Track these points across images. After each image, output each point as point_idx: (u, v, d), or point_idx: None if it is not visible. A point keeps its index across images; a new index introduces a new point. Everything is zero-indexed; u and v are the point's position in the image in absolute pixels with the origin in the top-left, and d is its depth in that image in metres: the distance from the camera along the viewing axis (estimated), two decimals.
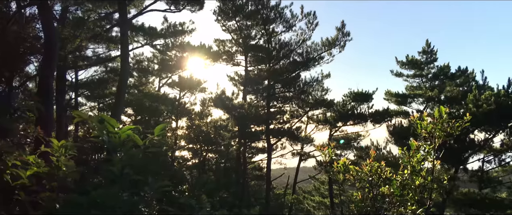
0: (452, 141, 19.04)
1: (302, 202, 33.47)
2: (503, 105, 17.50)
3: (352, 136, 27.20)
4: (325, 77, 23.98)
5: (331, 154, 5.10)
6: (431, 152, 4.70)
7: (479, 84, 20.85)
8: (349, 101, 25.12)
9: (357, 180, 4.92)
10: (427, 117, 4.80)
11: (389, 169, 4.85)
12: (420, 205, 4.73)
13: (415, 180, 4.69)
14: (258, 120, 23.51)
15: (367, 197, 4.93)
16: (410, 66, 23.40)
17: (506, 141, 19.48)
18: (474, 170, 20.95)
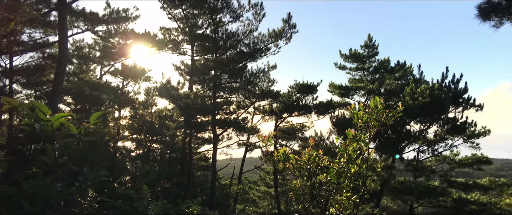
0: (390, 132, 19.98)
1: (248, 192, 33.82)
2: (437, 98, 18.50)
3: (297, 127, 27.76)
4: (272, 68, 24.25)
5: (272, 143, 5.21)
6: (366, 141, 4.93)
7: (416, 78, 21.88)
8: (294, 92, 25.55)
9: (297, 169, 5.06)
10: (363, 107, 5.01)
11: (327, 158, 5.02)
12: (355, 192, 4.96)
13: (351, 168, 4.90)
14: (204, 110, 23.37)
15: (306, 185, 5.09)
16: (353, 59, 24.15)
17: (439, 132, 20.66)
18: (410, 159, 22.05)
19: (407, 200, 22.64)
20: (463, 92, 19.11)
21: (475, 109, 19.50)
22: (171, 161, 25.83)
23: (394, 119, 5.09)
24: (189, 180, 24.94)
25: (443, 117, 19.38)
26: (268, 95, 24.74)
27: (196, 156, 29.39)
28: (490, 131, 20.57)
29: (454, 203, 22.42)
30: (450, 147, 21.93)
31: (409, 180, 21.87)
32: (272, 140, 5.20)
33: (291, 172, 5.24)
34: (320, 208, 5.11)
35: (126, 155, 24.96)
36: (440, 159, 23.16)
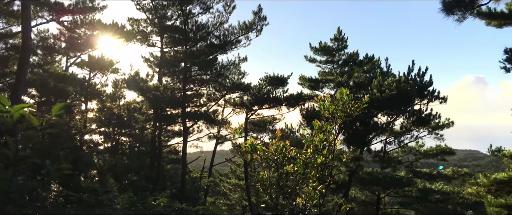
0: (358, 124, 20.38)
1: (219, 184, 33.84)
2: (403, 91, 18.97)
3: (268, 119, 27.91)
4: (242, 61, 24.20)
5: (239, 134, 5.22)
6: (332, 132, 5.02)
7: (384, 71, 22.33)
8: (265, 85, 25.62)
9: (264, 160, 5.11)
10: (330, 99, 5.09)
11: (294, 149, 5.09)
12: (321, 182, 5.05)
13: (317, 158, 4.99)
14: (174, 102, 23.14)
15: (273, 175, 5.15)
16: (323, 52, 24.40)
17: (405, 124, 21.21)
18: (377, 151, 22.56)
19: (374, 190, 23.21)
20: (428, 85, 19.67)
21: (440, 101, 20.11)
22: (141, 154, 25.52)
23: (360, 110, 5.19)
24: (159, 173, 24.73)
25: (409, 109, 19.90)
26: (239, 88, 24.72)
27: (166, 149, 29.13)
28: (453, 123, 21.25)
29: (419, 192, 23.13)
30: (415, 139, 22.57)
31: (377, 171, 22.37)
32: (239, 131, 5.21)
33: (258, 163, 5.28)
34: (287, 198, 5.18)
35: (93, 148, 24.49)
36: (406, 150, 23.80)
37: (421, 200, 23.13)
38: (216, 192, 34.78)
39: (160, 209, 5.86)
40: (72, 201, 6.07)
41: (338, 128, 5.20)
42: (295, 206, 5.08)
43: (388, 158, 22.97)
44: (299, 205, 5.05)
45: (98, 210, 5.78)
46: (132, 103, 26.24)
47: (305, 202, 5.04)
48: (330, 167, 5.08)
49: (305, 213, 4.99)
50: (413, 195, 23.26)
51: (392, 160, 23.29)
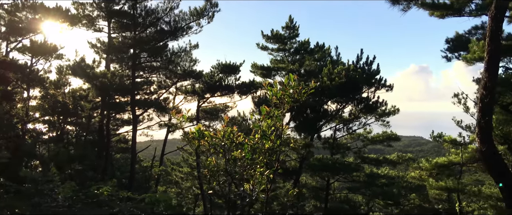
0: (309, 111, 20.69)
1: (170, 173, 33.40)
2: (352, 79, 19.44)
3: (220, 107, 27.75)
4: (194, 47, 23.82)
5: (186, 120, 5.10)
6: (280, 117, 5.01)
7: (334, 60, 22.73)
8: (217, 72, 25.39)
9: (212, 146, 5.01)
10: (277, 84, 5.06)
11: (242, 134, 5.03)
12: (269, 167, 5.05)
13: (265, 143, 4.96)
14: (122, 90, 22.45)
15: (221, 162, 5.08)
16: (275, 40, 24.44)
17: (354, 111, 21.78)
18: (327, 137, 23.05)
19: (324, 176, 23.75)
20: (376, 73, 20.23)
21: (386, 89, 20.77)
22: (88, 143, 24.62)
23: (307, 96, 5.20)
24: (107, 163, 24.01)
25: (357, 97, 20.42)
26: (190, 75, 24.36)
27: (115, 138, 28.30)
28: (399, 110, 22.05)
29: (366, 177, 23.94)
30: (363, 125, 23.25)
31: (326, 157, 22.90)
32: (186, 117, 5.08)
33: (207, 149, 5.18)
34: (234, 184, 5.13)
35: (37, 137, 23.33)
36: (354, 136, 24.46)
37: (368, 185, 23.97)
38: (168, 181, 34.32)
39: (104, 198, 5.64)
40: (10, 191, 5.73)
41: (286, 113, 5.19)
42: (243, 192, 5.05)
43: (337, 145, 23.53)
44: (247, 191, 5.02)
45: (37, 199, 5.49)
46: (78, 90, 25.18)
47: (253, 188, 5.01)
48: (278, 152, 5.08)
49: (253, 198, 4.97)
50: (361, 180, 24.05)
51: (341, 146, 23.89)
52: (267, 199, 5.07)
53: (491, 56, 9.97)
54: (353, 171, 22.99)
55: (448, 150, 23.55)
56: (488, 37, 10.01)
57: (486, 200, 21.78)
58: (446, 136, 22.77)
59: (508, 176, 10.45)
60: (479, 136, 10.35)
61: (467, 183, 24.94)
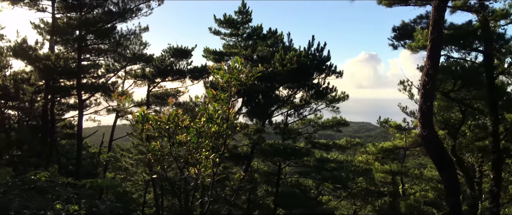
0: (260, 97, 20.76)
1: (120, 159, 32.61)
2: (304, 65, 19.66)
3: (171, 92, 27.25)
4: (144, 30, 23.06)
5: (129, 102, 4.92)
6: (226, 100, 4.95)
7: (286, 46, 22.85)
8: (168, 57, 24.85)
9: (156, 130, 4.88)
10: (224, 67, 4.99)
11: (188, 118, 4.93)
12: (215, 151, 4.99)
13: (211, 127, 4.90)
14: (67, 73, 21.46)
15: (166, 146, 4.96)
16: (227, 25, 24.19)
17: (305, 97, 22.10)
18: (278, 123, 23.30)
19: (276, 161, 24.07)
20: (326, 60, 20.57)
21: (336, 75, 21.19)
22: (31, 128, 23.43)
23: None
24: (52, 149, 23.03)
25: (308, 83, 20.70)
26: (140, 59, 23.66)
27: (60, 123, 27.11)
28: (348, 96, 22.62)
29: (316, 162, 24.50)
30: (314, 111, 23.69)
31: (278, 142, 23.19)
32: (129, 99, 4.90)
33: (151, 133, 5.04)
34: (179, 168, 5.05)
35: None
36: (305, 122, 24.91)
37: (318, 169, 24.56)
38: (117, 167, 33.53)
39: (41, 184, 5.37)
40: None
41: (234, 97, 5.14)
42: (188, 176, 4.97)
43: (288, 130, 23.86)
44: (192, 175, 4.95)
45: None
46: (20, 73, 23.80)
47: (199, 172, 4.95)
48: (225, 136, 5.03)
49: (198, 182, 4.91)
50: (311, 165, 24.60)
51: (292, 132, 24.25)
52: (212, 183, 5.02)
53: (433, 45, 10.37)
54: (304, 156, 23.44)
55: (393, 135, 24.55)
56: (431, 26, 10.41)
57: (427, 182, 22.97)
58: (391, 121, 23.71)
59: (446, 159, 11.01)
60: (421, 121, 10.81)
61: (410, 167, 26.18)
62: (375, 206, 26.39)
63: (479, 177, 19.98)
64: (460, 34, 14.32)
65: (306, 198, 25.99)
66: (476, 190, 18.84)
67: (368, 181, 27.11)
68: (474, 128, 19.43)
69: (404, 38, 15.80)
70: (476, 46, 14.98)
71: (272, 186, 25.91)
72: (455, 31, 14.25)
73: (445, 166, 10.84)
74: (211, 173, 5.00)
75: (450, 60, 16.13)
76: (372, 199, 26.55)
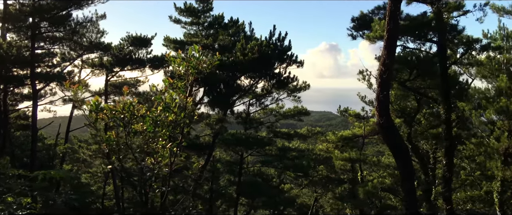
0: (222, 86, 20.68)
1: (77, 151, 31.68)
2: (265, 55, 19.69)
3: (131, 82, 26.66)
4: (101, 18, 22.33)
5: (82, 91, 4.76)
6: (183, 89, 4.88)
7: (247, 35, 22.80)
8: (127, 45, 24.22)
9: (111, 119, 4.76)
10: (181, 55, 4.91)
11: (144, 107, 4.84)
12: (172, 140, 4.92)
13: (168, 116, 4.82)
14: (21, 62, 20.50)
15: (122, 135, 4.84)
16: (188, 13, 23.83)
17: (267, 86, 22.20)
18: (240, 112, 23.30)
19: (238, 150, 24.10)
20: (287, 49, 20.68)
21: (297, 65, 21.37)
22: None
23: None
24: (6, 141, 22.07)
25: (269, 72, 20.77)
26: (98, 48, 22.94)
27: (13, 114, 25.98)
28: (309, 86, 22.89)
29: (278, 151, 24.73)
30: (276, 101, 23.81)
31: (240, 132, 23.20)
32: (82, 88, 4.75)
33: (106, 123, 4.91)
34: (136, 158, 4.95)
35: None
36: (267, 111, 25.03)
37: (280, 158, 24.81)
38: (75, 159, 32.54)
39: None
40: None
41: (192, 85, 5.08)
42: (145, 166, 4.88)
43: (250, 119, 23.91)
44: (149, 165, 4.87)
45: None
46: None
47: (156, 162, 4.87)
48: (182, 125, 4.97)
49: (154, 172, 4.84)
50: (273, 154, 24.81)
51: (254, 121, 24.32)
52: (170, 173, 4.96)
53: (390, 35, 10.63)
54: (266, 145, 23.57)
55: (352, 123, 25.14)
56: (387, 17, 10.65)
57: (384, 169, 23.71)
58: (351, 110, 24.25)
59: (401, 147, 11.38)
60: (378, 109, 11.09)
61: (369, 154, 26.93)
62: (335, 193, 27.02)
63: (433, 163, 20.83)
64: (416, 25, 14.76)
65: (268, 186, 26.24)
66: (430, 176, 19.65)
67: (329, 169, 27.70)
68: (428, 116, 20.19)
69: (362, 28, 16.13)
70: (430, 37, 15.50)
71: (234, 176, 25.95)
72: (411, 22, 14.68)
73: (401, 153, 11.19)
74: (168, 163, 4.94)
75: (406, 50, 16.63)
76: (332, 186, 27.14)
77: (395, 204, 23.74)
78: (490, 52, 16.89)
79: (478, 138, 18.48)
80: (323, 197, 31.16)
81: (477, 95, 18.89)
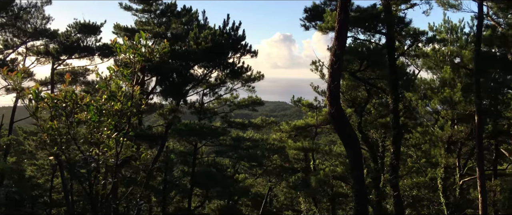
0: (174, 76, 20.33)
1: (23, 143, 30.26)
2: (218, 44, 19.51)
3: (79, 70, 25.64)
4: (46, 3, 21.28)
5: (20, 78, 4.48)
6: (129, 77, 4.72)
7: (201, 24, 22.48)
8: (74, 32, 23.23)
9: (53, 108, 4.53)
10: (127, 42, 4.74)
11: (88, 95, 4.64)
12: (118, 130, 4.76)
13: (114, 105, 4.66)
14: None
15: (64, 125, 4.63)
16: (139, 1, 23.17)
17: (220, 76, 22.06)
18: (193, 102, 23.06)
19: (192, 141, 23.90)
20: (241, 39, 20.59)
21: (251, 55, 21.34)
22: None
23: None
24: None
25: (223, 62, 20.63)
26: (43, 35, 21.84)
27: None
28: (264, 76, 22.96)
29: (232, 141, 24.76)
30: (230, 90, 23.75)
31: (194, 122, 22.98)
32: (20, 75, 4.48)
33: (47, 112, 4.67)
34: (79, 148, 4.76)
35: None
36: (221, 101, 24.94)
37: (235, 148, 24.88)
38: (20, 151, 31.08)
39: None
40: None
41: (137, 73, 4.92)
42: (89, 157, 4.70)
43: (204, 109, 23.74)
44: (94, 156, 4.69)
45: None
46: None
47: (101, 152, 4.70)
48: (129, 114, 4.82)
49: (99, 163, 4.67)
50: (227, 144, 24.81)
51: (208, 111, 24.18)
52: (116, 164, 4.80)
53: (340, 26, 10.79)
54: (220, 135, 23.52)
55: (306, 113, 25.55)
56: (339, 8, 10.81)
57: (336, 158, 24.29)
58: (304, 100, 24.61)
59: (351, 136, 11.66)
60: (329, 99, 11.27)
61: (321, 143, 27.52)
62: (289, 182, 27.42)
63: (382, 152, 21.57)
64: (366, 16, 15.10)
65: (222, 176, 26.25)
66: (379, 164, 20.35)
67: (282, 158, 28.06)
68: (378, 106, 20.85)
69: (315, 19, 16.29)
70: (379, 28, 15.91)
71: (188, 166, 25.76)
72: (361, 14, 15.00)
73: (350, 142, 11.46)
74: (115, 154, 4.78)
75: (357, 41, 17.00)
76: (286, 175, 27.52)
77: (347, 191, 24.42)
78: (435, 44, 17.62)
79: (423, 126, 19.35)
80: (277, 186, 31.57)
81: (423, 86, 19.73)
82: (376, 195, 18.38)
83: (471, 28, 17.57)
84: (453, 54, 17.61)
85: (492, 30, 16.55)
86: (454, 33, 17.92)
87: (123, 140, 4.80)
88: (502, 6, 15.55)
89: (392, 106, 15.90)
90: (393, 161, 16.08)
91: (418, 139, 19.28)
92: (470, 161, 20.71)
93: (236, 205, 31.17)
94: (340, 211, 28.36)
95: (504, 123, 18.74)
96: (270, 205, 33.24)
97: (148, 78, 21.87)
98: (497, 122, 18.47)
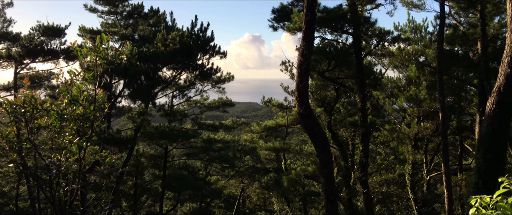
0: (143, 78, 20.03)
1: None
2: (187, 45, 19.36)
3: (44, 74, 24.91)
4: (7, 6, 20.61)
5: None
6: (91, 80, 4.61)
7: (169, 25, 22.24)
8: (38, 35, 22.55)
9: (12, 114, 4.38)
10: (88, 44, 4.63)
11: (49, 100, 4.51)
12: (81, 134, 4.64)
13: (76, 109, 4.54)
14: None
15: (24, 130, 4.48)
16: (105, 2, 22.68)
17: (190, 77, 21.88)
18: (162, 104, 22.78)
19: (162, 144, 23.63)
20: (210, 40, 20.47)
21: (220, 56, 21.24)
22: None
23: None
24: None
25: (192, 63, 20.47)
26: (5, 38, 21.11)
27: None
28: (233, 77, 22.93)
29: (204, 143, 24.61)
30: (200, 92, 23.58)
31: (164, 124, 22.71)
32: None
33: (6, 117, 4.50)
34: (39, 155, 4.61)
35: None
36: (191, 103, 24.74)
37: (206, 150, 24.73)
38: None
39: None
40: None
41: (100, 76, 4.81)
42: (51, 163, 4.57)
43: (174, 112, 23.50)
44: (56, 161, 4.55)
45: None
46: None
47: (63, 158, 4.57)
48: (92, 118, 4.70)
49: (61, 169, 4.54)
50: (198, 146, 24.64)
51: (178, 114, 23.93)
52: (80, 169, 4.68)
53: (307, 26, 10.93)
54: (191, 138, 23.34)
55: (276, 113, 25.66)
56: (305, 9, 10.93)
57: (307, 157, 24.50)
58: (274, 101, 24.72)
59: (320, 135, 11.81)
60: (298, 99, 11.39)
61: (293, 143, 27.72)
62: (261, 182, 27.51)
63: (351, 150, 21.92)
64: (332, 17, 15.29)
65: (194, 179, 26.08)
66: (349, 161, 20.66)
67: (254, 159, 28.11)
68: (346, 105, 21.18)
69: (283, 20, 16.37)
70: (346, 28, 16.15)
71: (159, 170, 25.45)
72: (328, 14, 15.18)
73: (319, 140, 11.62)
74: (78, 158, 4.66)
75: (324, 41, 17.21)
76: (258, 176, 27.60)
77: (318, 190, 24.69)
78: (400, 43, 18.03)
79: (391, 124, 19.78)
80: (249, 187, 31.60)
81: (390, 84, 20.20)
82: (347, 192, 18.64)
83: (434, 28, 18.14)
84: (418, 53, 18.08)
85: (454, 29, 17.11)
86: (418, 32, 18.40)
87: (86, 144, 4.68)
88: (462, 5, 16.08)
89: (360, 105, 16.17)
90: (362, 159, 16.34)
91: (386, 136, 19.68)
92: (436, 157, 21.33)
93: (209, 207, 31.04)
94: (312, 210, 28.63)
95: (468, 119, 19.40)
96: (243, 206, 33.24)
97: (115, 81, 21.45)
98: (461, 118, 19.08)
